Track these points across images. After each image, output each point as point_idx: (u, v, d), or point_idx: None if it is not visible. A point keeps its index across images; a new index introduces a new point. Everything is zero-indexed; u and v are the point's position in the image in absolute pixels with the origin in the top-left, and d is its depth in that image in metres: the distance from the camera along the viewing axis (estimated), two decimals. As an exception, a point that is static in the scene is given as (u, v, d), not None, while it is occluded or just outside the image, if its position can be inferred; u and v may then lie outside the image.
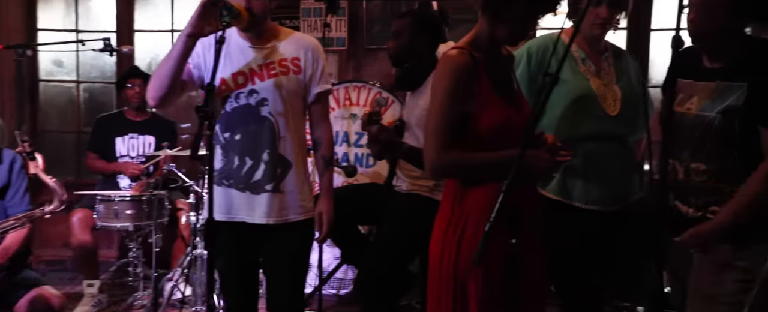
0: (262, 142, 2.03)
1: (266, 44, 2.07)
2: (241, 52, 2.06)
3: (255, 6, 1.98)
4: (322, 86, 2.11)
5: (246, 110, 2.04)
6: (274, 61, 2.06)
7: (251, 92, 2.04)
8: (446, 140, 1.64)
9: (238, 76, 2.04)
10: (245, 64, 2.04)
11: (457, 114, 1.65)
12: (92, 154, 3.90)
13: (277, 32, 2.12)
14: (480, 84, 1.67)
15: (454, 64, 1.66)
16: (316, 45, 2.12)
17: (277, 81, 2.04)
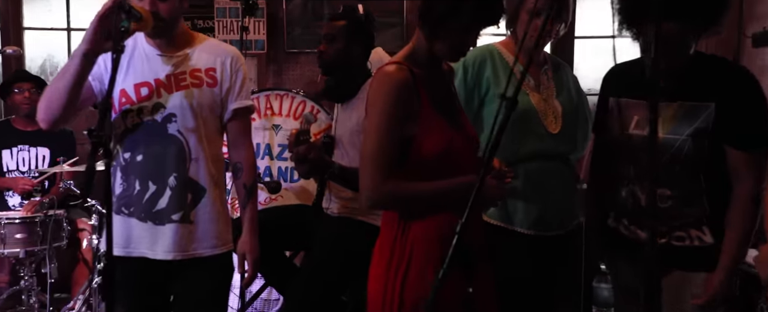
0: (169, 165, 1.78)
1: (177, 52, 1.82)
2: (147, 60, 1.80)
3: (162, 9, 1.73)
4: (241, 102, 1.87)
5: (150, 127, 1.78)
6: (185, 72, 1.81)
7: (157, 107, 1.78)
8: (385, 168, 1.46)
9: (142, 88, 1.78)
10: (151, 74, 1.78)
11: (397, 138, 1.48)
12: (-26, 169, 3.43)
13: (190, 39, 1.87)
14: (421, 103, 1.51)
15: (392, 82, 1.49)
16: (235, 54, 1.89)
17: (188, 94, 1.79)
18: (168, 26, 1.76)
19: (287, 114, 3.13)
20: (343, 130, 2.23)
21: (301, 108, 3.13)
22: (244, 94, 1.88)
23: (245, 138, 1.92)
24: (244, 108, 1.89)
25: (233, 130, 1.89)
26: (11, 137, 3.43)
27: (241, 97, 1.87)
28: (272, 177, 3.14)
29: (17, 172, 3.43)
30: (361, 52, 2.24)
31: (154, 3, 1.71)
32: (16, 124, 3.47)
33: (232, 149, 1.91)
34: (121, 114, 1.78)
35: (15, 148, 3.44)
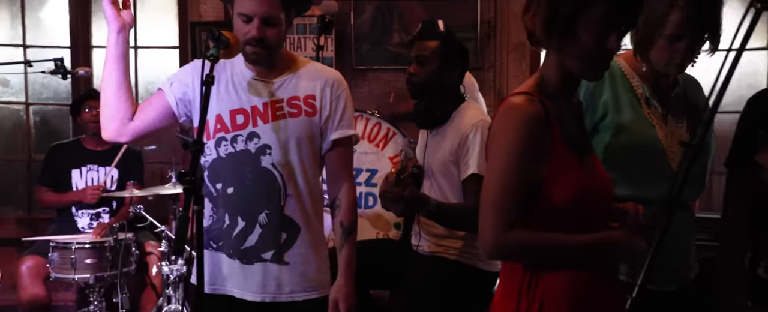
0: (260, 200, 1.65)
1: (276, 78, 1.70)
2: (244, 85, 1.68)
3: (270, 35, 1.61)
4: (342, 131, 1.72)
5: (243, 158, 1.65)
6: (282, 100, 1.68)
7: (251, 136, 1.66)
8: (510, 215, 1.27)
9: (238, 115, 1.66)
10: (247, 101, 1.67)
11: (526, 181, 1.28)
12: (43, 188, 3.41)
13: (291, 63, 1.74)
14: (553, 140, 1.31)
15: (522, 115, 1.29)
16: (336, 79, 1.74)
17: (284, 124, 1.66)
18: (271, 53, 1.65)
19: (361, 136, 2.98)
20: (433, 159, 2.06)
21: (376, 130, 2.98)
22: (346, 123, 1.73)
23: (346, 171, 1.77)
24: (345, 138, 1.74)
25: (333, 162, 1.74)
26: (81, 157, 3.40)
27: (343, 126, 1.72)
28: (345, 202, 2.99)
29: (86, 192, 3.39)
30: (456, 75, 2.07)
31: (261, 29, 1.59)
32: (85, 144, 3.44)
33: (330, 183, 1.76)
34: (215, 141, 1.67)
35: (84, 168, 3.40)
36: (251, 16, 1.59)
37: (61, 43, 3.95)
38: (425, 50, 2.06)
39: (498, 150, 1.30)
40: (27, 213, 4.09)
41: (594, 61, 1.30)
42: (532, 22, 1.30)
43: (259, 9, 1.58)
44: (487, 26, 3.68)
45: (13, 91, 4.10)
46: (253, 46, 1.60)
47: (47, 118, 4.14)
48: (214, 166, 1.68)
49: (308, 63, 1.76)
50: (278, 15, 1.61)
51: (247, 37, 1.59)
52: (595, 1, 1.24)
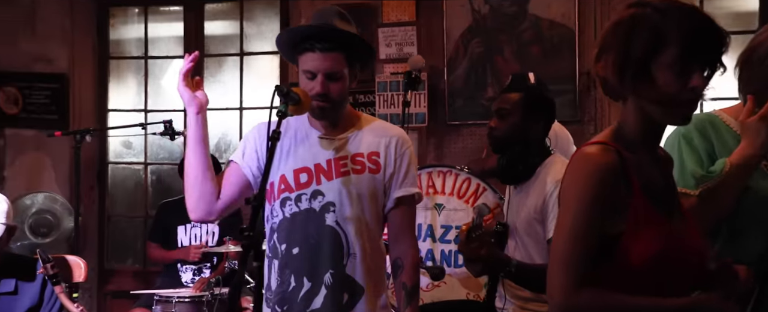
0: (325, 260, 1.62)
1: (339, 134, 1.70)
2: (308, 144, 1.69)
3: (333, 90, 1.63)
4: (406, 189, 1.68)
5: (308, 216, 1.64)
6: (346, 156, 1.67)
7: (315, 194, 1.65)
8: (580, 271, 1.15)
9: (301, 174, 1.66)
10: (311, 159, 1.67)
11: (598, 234, 1.16)
12: (153, 244, 3.62)
13: (355, 120, 1.74)
14: (631, 193, 1.18)
15: (594, 165, 1.18)
16: (400, 136, 1.72)
17: (347, 181, 1.64)
18: (335, 107, 1.66)
19: (451, 192, 2.90)
20: (518, 217, 1.93)
21: (466, 186, 2.88)
22: (410, 181, 1.69)
23: (408, 230, 1.71)
24: (408, 196, 1.69)
25: (395, 220, 1.70)
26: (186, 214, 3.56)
27: (406, 184, 1.68)
28: (435, 261, 2.90)
29: (189, 248, 3.55)
30: (540, 128, 1.96)
31: (325, 84, 1.61)
32: (191, 201, 3.63)
33: (392, 242, 1.71)
34: (280, 202, 1.67)
35: (188, 225, 3.58)
36: (315, 72, 1.61)
37: (177, 106, 4.27)
38: (507, 103, 1.97)
39: (568, 202, 1.19)
40: (142, 266, 4.36)
41: (675, 104, 1.17)
42: (604, 70, 1.21)
43: (323, 65, 1.61)
44: (587, 78, 3.51)
45: (134, 152, 4.46)
46: (318, 101, 1.62)
47: (163, 177, 4.45)
48: (280, 227, 1.67)
49: (373, 120, 1.77)
50: (341, 70, 1.63)
51: (312, 93, 1.61)
52: (666, 46, 1.14)
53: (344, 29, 1.66)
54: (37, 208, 4.04)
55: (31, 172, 4.37)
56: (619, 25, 1.20)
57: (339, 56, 1.63)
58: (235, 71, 4.19)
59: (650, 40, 1.14)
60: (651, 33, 1.14)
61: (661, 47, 1.14)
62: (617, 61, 1.18)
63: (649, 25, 1.15)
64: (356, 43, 1.68)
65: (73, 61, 4.27)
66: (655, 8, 1.16)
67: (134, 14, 4.40)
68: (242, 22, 4.16)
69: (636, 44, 1.15)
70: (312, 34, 1.64)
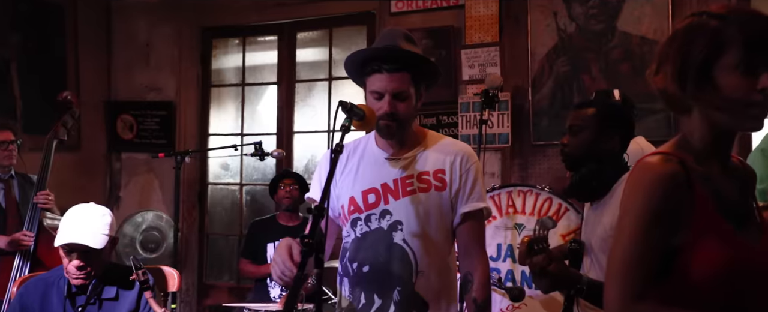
0: (394, 277, 1.64)
1: (405, 154, 1.73)
2: (375, 165, 1.73)
3: (401, 109, 1.67)
4: (472, 204, 1.69)
5: (377, 236, 1.68)
6: (412, 175, 1.70)
7: (384, 213, 1.69)
8: (638, 284, 1.11)
9: (369, 194, 1.70)
10: (378, 179, 1.71)
11: (658, 247, 1.11)
12: (244, 260, 3.79)
13: (421, 138, 1.77)
14: (694, 205, 1.12)
15: (654, 175, 1.14)
16: (465, 152, 1.73)
17: (414, 200, 1.67)
18: (402, 126, 1.69)
19: (531, 212, 2.83)
20: (593, 234, 1.85)
21: (547, 205, 2.80)
22: (476, 196, 1.69)
23: (477, 245, 1.71)
24: (476, 211, 1.70)
25: (463, 236, 1.71)
26: (275, 232, 3.73)
27: (473, 200, 1.69)
28: (515, 282, 2.83)
29: (277, 264, 3.68)
30: (615, 143, 1.88)
31: (393, 104, 1.65)
32: (279, 219, 3.78)
33: (462, 258, 1.71)
34: (350, 222, 1.72)
35: (277, 242, 3.70)
36: (382, 92, 1.66)
37: (269, 130, 4.49)
38: (579, 119, 1.92)
39: (627, 214, 1.15)
40: (237, 283, 4.57)
41: (743, 108, 1.10)
42: (664, 82, 1.17)
43: (390, 85, 1.65)
44: (683, 94, 3.31)
45: (231, 173, 4.73)
46: (386, 120, 1.66)
47: (256, 198, 4.67)
48: (352, 247, 1.72)
49: (439, 138, 1.78)
50: (408, 90, 1.67)
51: (380, 113, 1.65)
52: (727, 48, 1.08)
53: (409, 50, 1.70)
54: (147, 225, 4.37)
55: (142, 192, 4.75)
56: (675, 35, 1.17)
57: (405, 76, 1.66)
58: (324, 95, 4.36)
59: (709, 44, 1.10)
60: (709, 37, 1.10)
61: (722, 50, 1.09)
62: (676, 70, 1.14)
63: (707, 29, 1.10)
64: (421, 63, 1.71)
65: (179, 90, 4.63)
66: (711, 15, 1.12)
67: (234, 44, 4.71)
68: (331, 48, 4.33)
69: (694, 50, 1.11)
70: (378, 55, 1.69)
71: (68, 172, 4.36)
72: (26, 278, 2.32)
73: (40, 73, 4.30)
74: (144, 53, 4.74)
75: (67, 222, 2.05)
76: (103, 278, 2.12)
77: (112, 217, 2.15)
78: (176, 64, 4.64)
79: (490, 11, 3.66)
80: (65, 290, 2.09)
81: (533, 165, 3.68)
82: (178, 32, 4.62)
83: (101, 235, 2.04)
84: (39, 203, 3.07)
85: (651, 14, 3.37)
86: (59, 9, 4.44)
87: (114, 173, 4.85)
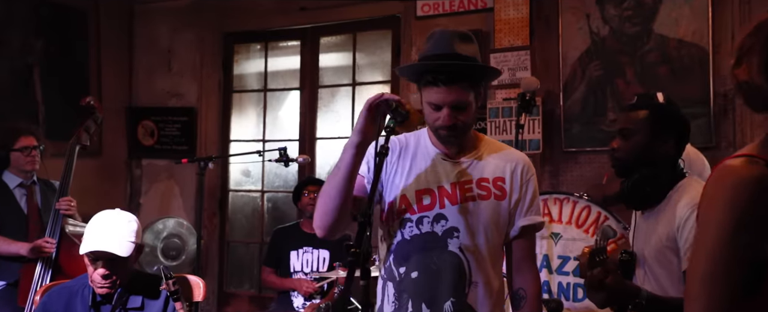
0: (446, 287, 1.55)
1: (463, 157, 1.64)
2: (431, 165, 1.63)
3: (461, 119, 1.57)
4: (531, 218, 1.62)
5: (429, 240, 1.58)
6: (470, 180, 1.60)
7: (438, 217, 1.59)
8: (725, 298, 1.00)
9: (424, 196, 1.60)
10: (435, 181, 1.61)
11: (745, 260, 1.00)
12: (267, 268, 3.71)
13: (477, 141, 1.68)
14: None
15: (739, 181, 1.03)
16: (526, 163, 1.65)
17: (473, 206, 1.58)
18: (463, 134, 1.61)
19: (568, 221, 2.71)
20: (646, 244, 1.74)
21: (585, 214, 2.69)
22: (535, 209, 1.62)
23: (530, 260, 1.64)
24: (533, 225, 1.62)
25: (518, 249, 1.62)
26: (298, 239, 3.65)
27: (532, 212, 1.62)
28: (551, 294, 2.71)
29: (301, 273, 3.60)
30: (670, 147, 1.77)
31: (452, 115, 1.55)
32: (303, 227, 3.70)
33: (515, 272, 1.63)
34: (399, 222, 1.62)
35: (300, 250, 3.63)
36: (440, 105, 1.56)
37: (292, 136, 4.42)
38: (630, 122, 1.81)
39: (708, 223, 1.04)
40: (258, 291, 4.49)
41: None
42: (748, 74, 1.06)
43: (447, 99, 1.55)
44: (723, 99, 3.19)
45: (252, 180, 4.66)
46: (445, 131, 1.58)
47: (278, 205, 4.59)
48: (399, 249, 1.62)
49: (494, 143, 1.69)
50: (467, 99, 1.56)
51: (438, 124, 1.57)
52: None
53: (466, 53, 1.58)
54: (168, 233, 4.31)
55: (162, 199, 4.70)
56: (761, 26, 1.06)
57: (463, 86, 1.55)
58: (348, 101, 4.28)
59: None
60: None
61: None
62: (764, 61, 1.03)
63: None
64: (479, 70, 1.62)
65: (201, 95, 4.58)
66: None
67: (256, 50, 4.65)
68: (355, 53, 4.26)
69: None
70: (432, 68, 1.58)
71: (89, 178, 4.31)
72: (49, 286, 2.26)
73: (62, 78, 4.28)
74: (165, 58, 4.71)
75: (93, 229, 1.98)
76: (128, 287, 2.05)
77: (138, 224, 2.07)
78: (198, 70, 4.59)
79: (520, 14, 3.57)
80: (90, 299, 2.01)
81: (564, 172, 3.56)
82: (199, 37, 4.58)
83: (127, 243, 1.97)
84: (61, 209, 3.02)
85: (689, 16, 3.25)
86: (82, 14, 4.42)
87: (134, 180, 4.80)
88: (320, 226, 1.59)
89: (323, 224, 1.57)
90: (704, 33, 3.21)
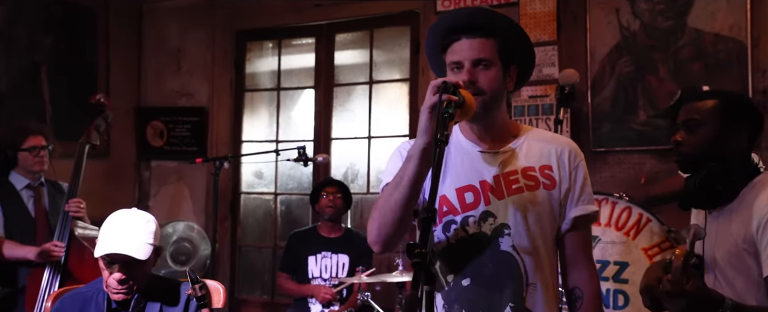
0: (504, 292, 1.41)
1: (502, 146, 1.49)
2: (468, 159, 1.49)
3: (483, 79, 1.43)
4: (583, 207, 1.47)
5: (478, 243, 1.43)
6: (516, 170, 1.46)
7: (485, 215, 1.44)
8: None
9: (466, 193, 1.46)
10: (475, 176, 1.46)
11: None
12: (283, 274, 3.57)
13: (513, 128, 1.53)
14: None
15: None
16: (573, 147, 1.51)
17: (523, 199, 1.43)
18: (487, 103, 1.44)
19: (607, 223, 2.57)
20: (717, 247, 1.59)
21: (625, 216, 2.54)
22: (587, 198, 1.47)
23: (586, 255, 1.49)
24: (585, 216, 1.47)
25: (572, 244, 1.48)
26: (316, 244, 3.51)
27: (583, 201, 1.47)
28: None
29: (319, 279, 3.45)
30: (742, 139, 1.63)
31: (472, 72, 1.42)
32: (321, 231, 3.56)
33: (569, 269, 1.48)
34: (442, 226, 1.47)
35: (319, 255, 3.49)
36: (461, 61, 1.43)
37: (306, 137, 4.28)
38: (697, 112, 1.65)
39: None
40: (271, 297, 4.34)
41: None
42: None
43: (469, 53, 1.43)
44: (762, 96, 3.05)
45: (265, 182, 4.52)
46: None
47: (291, 208, 4.45)
48: (445, 255, 1.47)
49: (534, 130, 1.55)
50: (491, 57, 1.44)
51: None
52: None
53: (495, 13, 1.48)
54: (178, 236, 4.17)
55: (172, 201, 4.56)
56: None
57: (488, 43, 1.44)
58: (364, 100, 4.14)
59: None
60: None
61: None
62: None
63: None
64: (509, 31, 1.48)
65: (212, 95, 4.44)
66: None
67: (269, 48, 4.52)
68: (372, 50, 4.12)
69: None
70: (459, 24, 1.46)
71: (96, 180, 4.17)
72: (61, 292, 2.11)
73: (70, 78, 4.15)
74: (175, 58, 4.58)
75: (108, 230, 1.84)
76: (145, 293, 1.91)
77: (156, 225, 1.93)
78: (209, 69, 4.46)
79: (547, 8, 3.43)
80: (105, 306, 1.87)
81: (594, 173, 3.39)
82: (210, 36, 4.45)
83: (145, 245, 1.83)
84: (70, 211, 2.88)
85: (726, 9, 3.11)
86: (91, 12, 4.29)
87: (143, 182, 4.67)
88: (377, 240, 1.40)
89: (381, 238, 1.40)
90: (742, 27, 3.07)
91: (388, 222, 1.36)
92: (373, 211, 1.42)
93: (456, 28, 1.45)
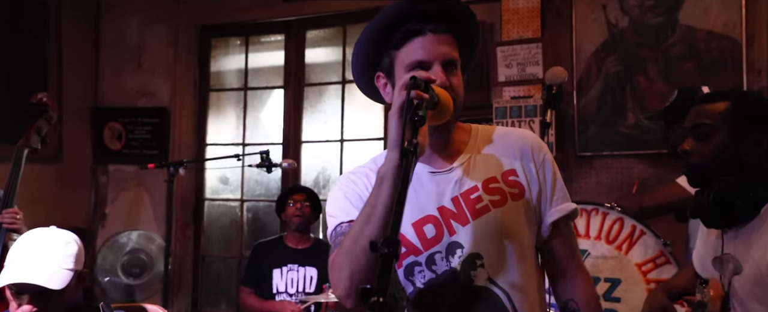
0: None
1: (453, 161, 1.25)
2: (419, 184, 1.24)
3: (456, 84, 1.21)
4: (560, 208, 1.25)
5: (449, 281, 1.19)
6: (476, 187, 1.22)
7: (452, 248, 1.20)
8: None
9: (425, 226, 1.21)
10: (432, 203, 1.22)
11: None
12: (246, 288, 3.29)
13: (463, 133, 1.29)
14: None
15: None
16: (532, 141, 1.28)
17: (489, 219, 1.19)
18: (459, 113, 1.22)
19: (597, 236, 2.35)
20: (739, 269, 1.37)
21: (617, 228, 2.33)
22: (561, 196, 1.26)
23: (573, 260, 1.28)
24: (565, 216, 1.26)
25: (556, 252, 1.27)
26: (282, 256, 3.25)
27: (558, 201, 1.25)
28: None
29: (285, 294, 3.19)
30: (763, 147, 1.41)
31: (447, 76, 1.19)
32: (287, 241, 3.30)
33: (558, 281, 1.27)
34: (404, 270, 1.23)
35: (285, 268, 3.23)
36: (430, 61, 1.19)
37: (274, 139, 4.02)
38: (707, 116, 1.43)
39: None
40: (236, 310, 4.07)
41: None
42: None
43: (438, 50, 1.19)
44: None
45: (231, 188, 4.24)
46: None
47: (259, 215, 4.18)
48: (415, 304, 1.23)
49: (487, 129, 1.31)
50: (457, 58, 1.22)
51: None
52: None
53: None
54: (132, 247, 3.87)
55: (130, 208, 4.26)
56: None
57: (453, 39, 1.22)
58: (337, 100, 3.89)
59: None
60: None
61: None
62: None
63: None
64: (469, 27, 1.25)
65: (174, 95, 4.17)
66: None
67: (235, 45, 4.26)
68: (345, 48, 3.88)
69: None
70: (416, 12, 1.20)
71: (47, 186, 3.88)
72: (-27, 321, 1.82)
73: (16, 74, 3.82)
74: (135, 54, 4.29)
75: (18, 254, 1.55)
76: (66, 325, 1.63)
77: (78, 246, 1.65)
78: (171, 67, 4.18)
79: (530, 3, 3.22)
80: (17, 341, 1.59)
81: (579, 179, 3.21)
82: (173, 31, 4.17)
83: (62, 271, 1.54)
84: (5, 223, 2.59)
85: (719, 5, 2.93)
86: (42, 4, 3.98)
87: (100, 187, 4.36)
88: (351, 292, 1.11)
89: (355, 289, 1.08)
90: (737, 24, 2.89)
91: (362, 267, 1.08)
92: (336, 257, 1.14)
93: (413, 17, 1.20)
